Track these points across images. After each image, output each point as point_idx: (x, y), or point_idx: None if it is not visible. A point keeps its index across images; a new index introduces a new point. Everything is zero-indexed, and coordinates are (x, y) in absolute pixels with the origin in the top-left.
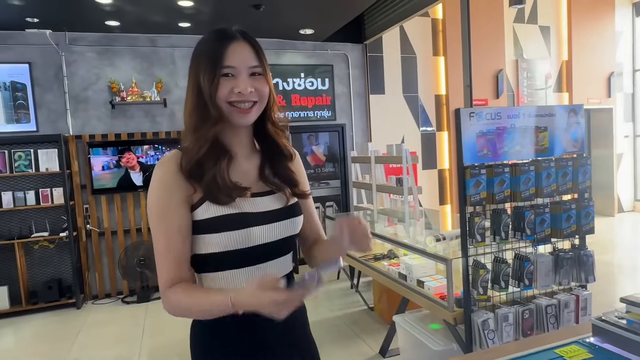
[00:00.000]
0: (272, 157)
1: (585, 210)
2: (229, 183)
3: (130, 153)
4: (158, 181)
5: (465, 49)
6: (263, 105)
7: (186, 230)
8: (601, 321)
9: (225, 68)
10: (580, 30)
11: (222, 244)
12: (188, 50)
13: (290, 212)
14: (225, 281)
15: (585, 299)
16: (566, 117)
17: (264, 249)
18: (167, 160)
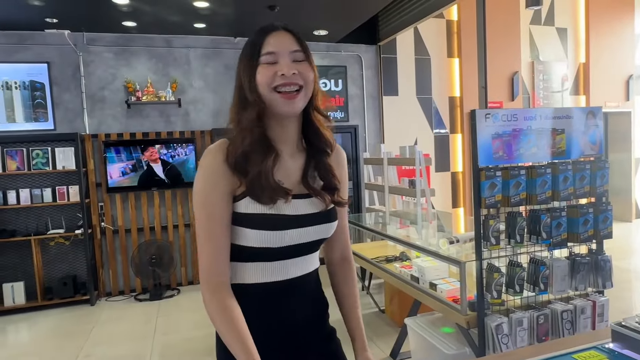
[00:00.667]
0: (316, 158)
1: (603, 215)
2: (273, 184)
3: (152, 148)
4: (204, 170)
5: (481, 50)
6: (309, 92)
7: (227, 220)
8: (621, 326)
9: (266, 55)
10: (599, 32)
11: (256, 240)
12: (203, 51)
13: (326, 217)
14: (254, 271)
15: (602, 305)
16: (584, 120)
17: (295, 248)
18: (214, 149)
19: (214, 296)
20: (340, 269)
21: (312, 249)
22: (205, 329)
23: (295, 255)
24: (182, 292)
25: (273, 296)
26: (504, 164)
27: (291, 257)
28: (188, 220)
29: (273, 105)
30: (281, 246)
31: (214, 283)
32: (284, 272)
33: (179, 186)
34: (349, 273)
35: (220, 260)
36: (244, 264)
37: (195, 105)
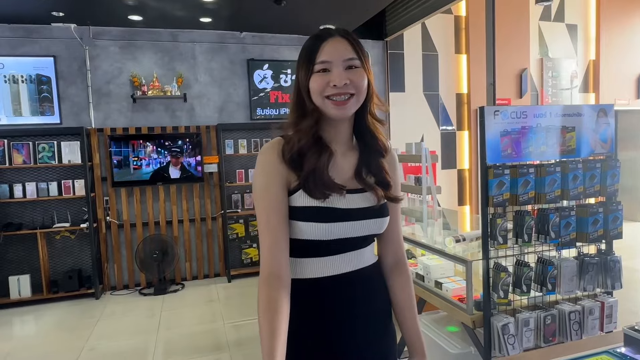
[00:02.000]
0: (368, 156)
1: (613, 215)
2: (327, 180)
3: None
4: (261, 165)
5: (490, 47)
6: (361, 97)
7: (285, 212)
8: (634, 331)
9: (320, 64)
10: (609, 29)
11: (308, 232)
12: (209, 46)
13: (378, 212)
14: (306, 266)
15: (610, 306)
16: (595, 117)
17: (347, 242)
18: (269, 147)
19: (265, 287)
20: (394, 274)
21: (363, 243)
22: (209, 324)
23: (346, 250)
24: (187, 287)
25: (327, 291)
26: (513, 162)
27: (342, 252)
28: (193, 215)
29: (324, 109)
30: (331, 239)
31: (271, 274)
32: (336, 266)
33: (184, 181)
34: (404, 278)
35: (279, 252)
36: (299, 259)
37: (200, 100)
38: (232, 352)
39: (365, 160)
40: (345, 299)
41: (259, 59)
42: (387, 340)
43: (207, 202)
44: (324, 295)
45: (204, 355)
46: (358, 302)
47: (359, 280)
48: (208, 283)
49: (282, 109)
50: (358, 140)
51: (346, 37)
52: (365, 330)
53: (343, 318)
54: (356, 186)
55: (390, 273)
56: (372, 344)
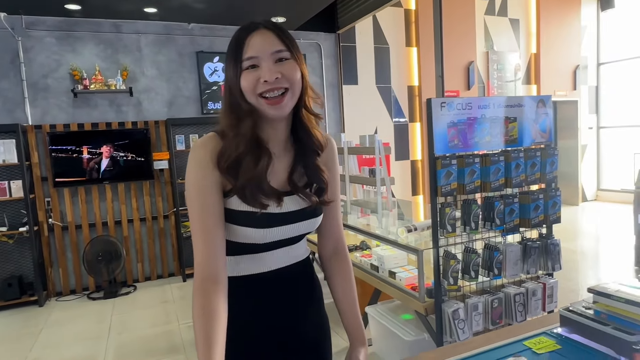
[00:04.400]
0: (304, 157)
1: (552, 200)
2: (266, 189)
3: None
4: (195, 162)
5: (437, 40)
6: (296, 91)
7: (220, 213)
8: (569, 312)
9: (247, 60)
10: (548, 24)
11: (243, 236)
12: (155, 37)
13: (311, 213)
14: (237, 262)
15: (551, 287)
16: (535, 108)
17: (280, 242)
18: (203, 143)
19: (200, 292)
20: (334, 264)
21: (297, 239)
22: (164, 326)
23: (278, 247)
24: (139, 288)
25: (260, 287)
26: (460, 153)
27: (274, 249)
28: (143, 214)
29: (261, 109)
30: (265, 242)
31: (206, 278)
32: (270, 263)
33: (132, 179)
34: (345, 266)
35: (215, 254)
36: (235, 257)
37: (148, 94)
38: (188, 353)
39: (300, 161)
40: (277, 295)
41: (209, 52)
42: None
43: (159, 200)
44: (257, 291)
45: (158, 357)
46: (291, 298)
47: (293, 274)
48: (162, 283)
49: None
50: (294, 139)
51: (272, 28)
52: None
53: (276, 314)
54: (289, 188)
55: (328, 262)
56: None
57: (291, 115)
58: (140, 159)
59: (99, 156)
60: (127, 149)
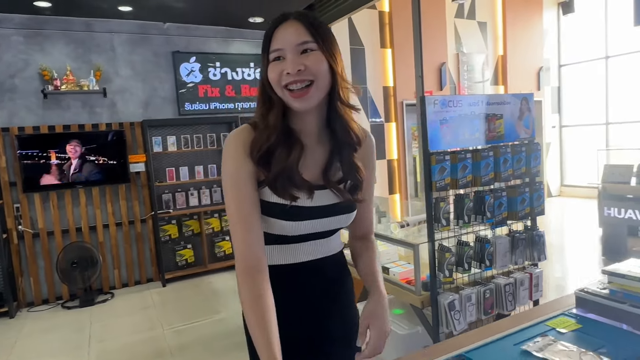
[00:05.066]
0: (340, 150)
1: (537, 193)
2: (297, 180)
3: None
4: (228, 154)
5: (417, 41)
6: (322, 83)
7: (256, 200)
8: (584, 292)
9: (274, 52)
10: (513, 27)
11: (272, 226)
12: (129, 37)
13: (345, 209)
14: (272, 251)
15: (537, 276)
16: (519, 106)
17: (311, 235)
18: (236, 137)
19: (247, 281)
20: (359, 244)
21: (329, 234)
22: (147, 332)
23: (311, 238)
24: (117, 295)
25: (289, 278)
26: (452, 149)
27: (307, 241)
28: (119, 219)
29: (286, 101)
30: (297, 234)
31: (249, 267)
32: (300, 255)
33: (107, 182)
34: (369, 245)
35: (254, 241)
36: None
37: (122, 95)
38: (176, 358)
39: (336, 154)
40: (307, 287)
41: (185, 52)
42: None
43: (135, 204)
44: (286, 282)
45: None
46: (320, 291)
47: (322, 269)
48: (140, 290)
49: (213, 104)
50: (330, 131)
51: (300, 19)
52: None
53: (304, 306)
54: (323, 181)
55: (356, 248)
56: (335, 334)
57: (324, 106)
58: (115, 161)
59: (71, 159)
60: (101, 152)
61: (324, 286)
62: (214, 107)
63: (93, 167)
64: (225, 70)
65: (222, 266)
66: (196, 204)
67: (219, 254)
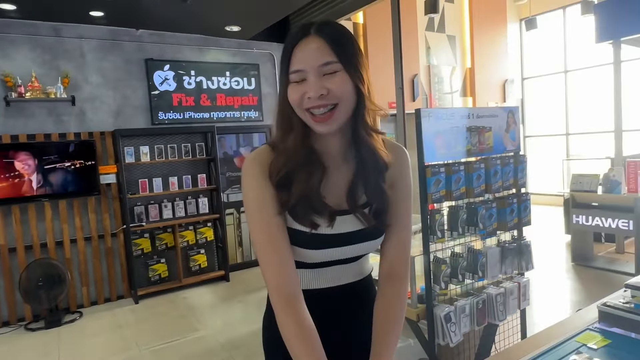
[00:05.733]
0: (366, 173)
1: (524, 204)
2: (318, 206)
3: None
4: (252, 178)
5: (397, 54)
6: (348, 106)
7: (284, 225)
8: (608, 307)
9: (294, 73)
10: (480, 41)
11: (296, 255)
12: (99, 43)
13: (370, 235)
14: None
15: (525, 285)
16: (506, 119)
17: (334, 262)
18: (255, 157)
19: (289, 312)
20: (386, 284)
21: (355, 259)
22: (123, 354)
23: (333, 265)
24: (85, 314)
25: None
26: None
27: (329, 266)
28: (88, 233)
29: (308, 123)
30: (316, 262)
31: (288, 295)
32: (321, 280)
33: (75, 195)
34: (394, 290)
35: (289, 270)
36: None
37: (92, 103)
38: None
39: (361, 176)
40: (326, 315)
41: (159, 59)
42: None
43: (106, 217)
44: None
45: None
46: (340, 321)
47: (344, 296)
48: (111, 307)
49: (187, 113)
50: (355, 150)
51: (322, 35)
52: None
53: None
54: (347, 207)
55: (380, 283)
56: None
57: (349, 126)
58: (84, 173)
59: (35, 171)
60: (69, 163)
61: (345, 314)
62: (189, 116)
63: (60, 178)
64: (201, 79)
65: (197, 280)
66: (170, 216)
67: (194, 268)
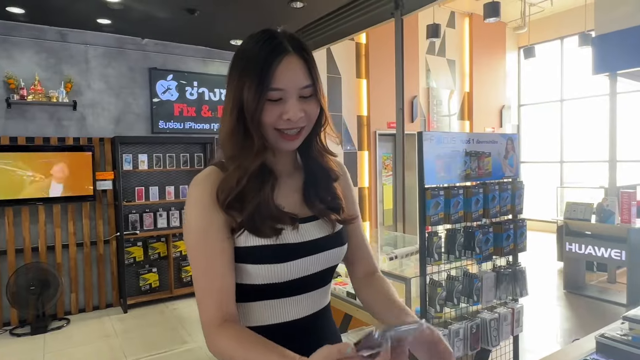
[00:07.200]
0: (316, 177)
1: (520, 230)
2: (275, 212)
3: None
4: (194, 203)
5: (399, 75)
6: (310, 128)
7: (229, 255)
8: (606, 338)
9: (274, 91)
10: (479, 66)
11: (259, 276)
12: (105, 50)
13: (337, 241)
14: (260, 312)
15: (518, 311)
16: (505, 145)
17: (305, 280)
18: (203, 180)
19: (222, 330)
20: (368, 281)
21: (323, 280)
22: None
23: (304, 290)
24: (73, 322)
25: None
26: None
27: (300, 294)
28: (81, 239)
29: (271, 140)
30: (288, 280)
31: (222, 321)
32: (294, 311)
33: (71, 200)
34: (381, 281)
35: (227, 303)
36: (247, 304)
37: (93, 109)
38: None
39: (312, 182)
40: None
41: (163, 69)
42: None
43: (99, 224)
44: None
45: None
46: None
47: (318, 325)
48: (99, 315)
49: (188, 123)
50: (303, 161)
51: (301, 55)
52: None
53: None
54: (307, 213)
55: (363, 286)
56: None
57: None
58: (80, 178)
59: (33, 173)
60: (66, 167)
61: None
62: (189, 126)
63: (55, 182)
64: (203, 90)
65: (188, 291)
66: (164, 225)
67: (185, 279)
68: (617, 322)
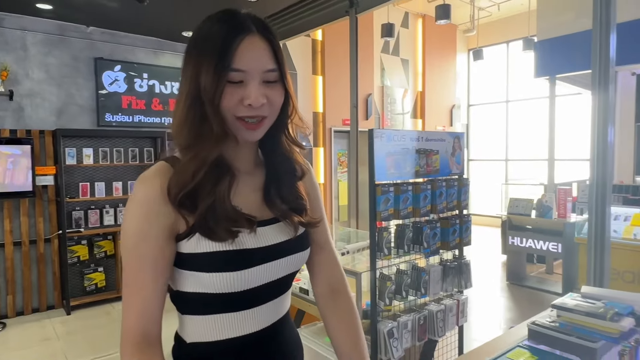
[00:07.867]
0: (278, 175)
1: (465, 225)
2: (231, 212)
3: None
4: (137, 204)
5: (353, 73)
6: (274, 117)
7: (164, 266)
8: (536, 325)
9: (234, 72)
10: (432, 67)
11: (214, 285)
12: (45, 37)
13: (298, 246)
14: (215, 325)
15: (463, 302)
16: (452, 143)
17: (263, 289)
18: (151, 178)
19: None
20: (330, 302)
21: (282, 288)
22: None
23: (262, 300)
24: (10, 325)
25: (241, 354)
26: (395, 180)
27: (257, 305)
28: (18, 238)
29: (232, 129)
30: (245, 289)
31: (139, 343)
32: (253, 322)
33: (7, 196)
34: (344, 305)
35: (151, 316)
36: (199, 317)
37: (32, 99)
38: None
39: (274, 180)
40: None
41: (110, 59)
42: None
43: (39, 221)
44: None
45: None
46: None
47: (279, 334)
48: (39, 318)
49: (137, 116)
50: (266, 157)
51: (267, 37)
52: None
53: None
54: (267, 215)
55: (325, 306)
56: None
57: (267, 136)
58: (19, 172)
59: None
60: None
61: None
62: (139, 120)
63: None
64: (154, 83)
65: None
66: (112, 222)
67: None
68: (547, 310)
